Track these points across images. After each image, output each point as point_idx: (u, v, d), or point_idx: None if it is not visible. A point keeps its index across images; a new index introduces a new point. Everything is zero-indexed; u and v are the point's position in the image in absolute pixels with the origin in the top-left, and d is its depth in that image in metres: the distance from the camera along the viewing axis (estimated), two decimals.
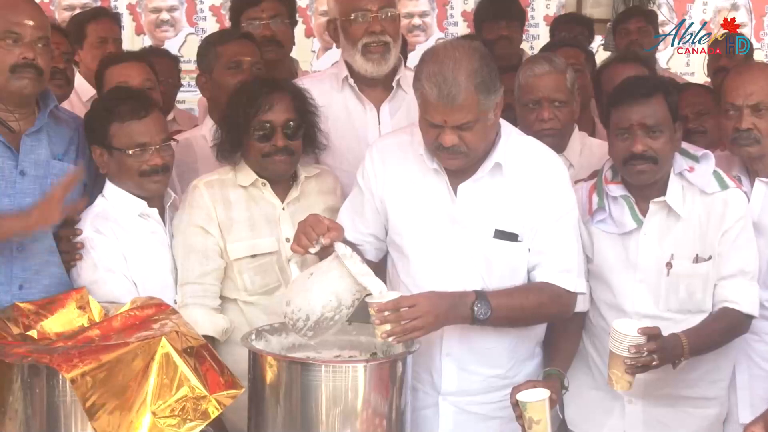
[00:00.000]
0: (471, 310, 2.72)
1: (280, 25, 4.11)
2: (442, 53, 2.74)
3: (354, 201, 3.00)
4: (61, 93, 3.75)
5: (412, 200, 2.89)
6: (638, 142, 2.98)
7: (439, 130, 2.70)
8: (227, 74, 3.57)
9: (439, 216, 2.86)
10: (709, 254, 3.05)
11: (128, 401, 2.36)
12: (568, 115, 3.48)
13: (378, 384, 2.49)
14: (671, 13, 7.31)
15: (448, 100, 2.64)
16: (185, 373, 2.40)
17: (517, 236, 2.83)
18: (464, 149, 2.72)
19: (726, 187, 3.07)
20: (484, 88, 2.68)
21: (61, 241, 3.00)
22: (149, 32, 6.49)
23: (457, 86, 2.64)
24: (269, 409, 2.49)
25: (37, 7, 3.03)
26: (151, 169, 3.00)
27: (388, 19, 3.34)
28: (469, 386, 2.91)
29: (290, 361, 2.52)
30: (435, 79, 2.65)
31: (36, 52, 2.88)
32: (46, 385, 2.39)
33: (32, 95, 2.96)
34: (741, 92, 3.18)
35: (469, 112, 2.67)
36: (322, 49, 6.56)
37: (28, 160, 2.95)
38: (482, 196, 2.84)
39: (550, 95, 3.43)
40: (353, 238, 2.90)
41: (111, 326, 2.58)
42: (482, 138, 2.76)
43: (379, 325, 2.57)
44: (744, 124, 3.16)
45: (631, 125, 3.00)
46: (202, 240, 3.03)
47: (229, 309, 3.06)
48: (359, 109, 3.45)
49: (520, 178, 2.84)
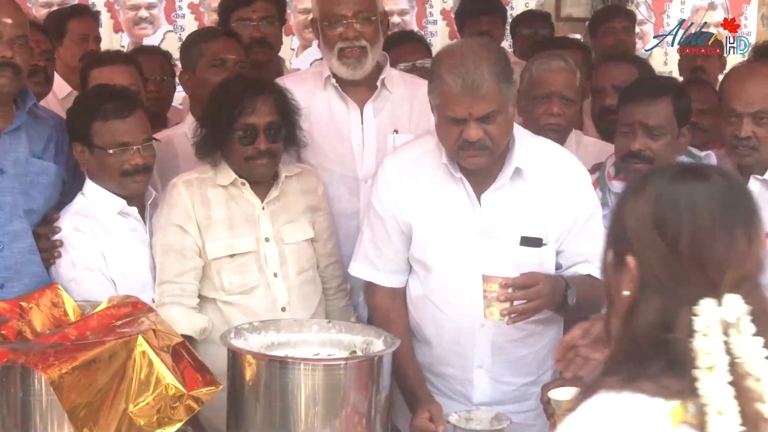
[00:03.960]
0: (563, 296, 2.71)
1: (270, 27, 4.08)
2: (458, 48, 2.77)
3: (376, 231, 2.94)
4: (40, 91, 3.71)
5: (434, 213, 2.85)
6: (637, 141, 3.01)
7: (462, 126, 2.67)
8: (211, 72, 3.54)
9: (464, 227, 2.83)
10: None
11: (106, 400, 2.34)
12: (574, 114, 3.51)
13: (357, 382, 2.47)
14: (649, 12, 7.35)
15: (472, 90, 2.62)
16: (162, 372, 2.38)
17: (541, 240, 2.81)
18: (489, 144, 2.69)
19: None
20: (504, 77, 2.69)
21: (41, 239, 2.98)
22: (127, 30, 6.46)
23: (481, 76, 2.62)
24: (248, 408, 2.47)
25: (15, 5, 2.99)
26: (132, 168, 2.97)
27: (365, 23, 3.31)
28: (502, 396, 2.89)
29: (269, 359, 2.50)
30: (457, 70, 2.64)
31: (14, 51, 2.86)
32: (21, 384, 2.37)
33: (10, 94, 2.94)
34: (743, 99, 3.12)
35: (492, 101, 2.65)
36: (301, 47, 6.58)
37: (8, 158, 2.93)
38: (506, 204, 2.81)
39: (561, 91, 3.45)
40: (387, 276, 2.93)
41: (87, 325, 2.55)
42: (505, 132, 2.74)
43: (499, 303, 2.56)
44: (743, 133, 3.10)
45: (633, 123, 3.03)
46: (180, 239, 3.00)
47: (207, 308, 3.03)
48: (342, 108, 3.42)
49: (542, 182, 2.82)
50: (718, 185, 1.54)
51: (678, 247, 1.50)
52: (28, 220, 2.97)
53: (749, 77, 3.24)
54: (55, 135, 3.08)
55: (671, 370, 1.48)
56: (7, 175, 2.92)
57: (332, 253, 3.16)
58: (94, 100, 3.04)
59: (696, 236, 1.50)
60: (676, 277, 1.50)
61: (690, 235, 1.50)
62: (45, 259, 2.97)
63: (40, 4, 6.13)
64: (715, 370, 1.45)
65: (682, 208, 1.51)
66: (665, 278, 1.51)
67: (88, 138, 2.98)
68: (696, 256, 1.50)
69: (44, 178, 3.02)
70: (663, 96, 3.05)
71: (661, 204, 1.53)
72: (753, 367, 1.45)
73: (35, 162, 3.00)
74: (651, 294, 1.52)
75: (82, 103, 3.11)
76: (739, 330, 1.46)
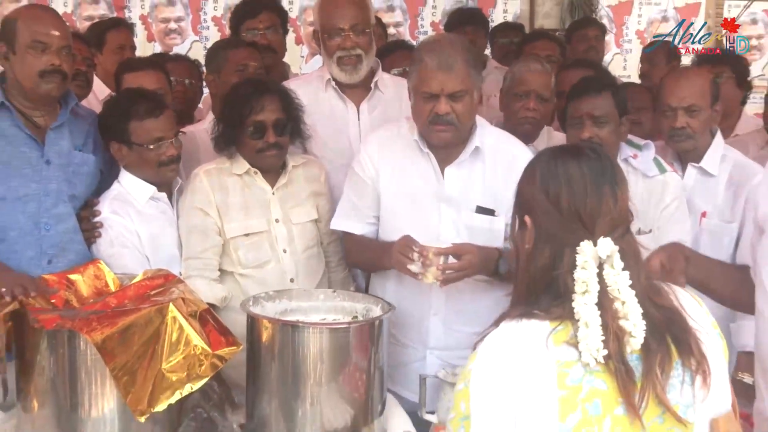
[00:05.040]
0: (496, 265, 2.75)
1: (275, 35, 4.09)
2: (437, 37, 2.91)
3: (354, 189, 2.98)
4: (81, 93, 3.72)
5: (403, 181, 2.91)
6: (586, 130, 3.04)
7: (434, 102, 2.72)
8: (235, 76, 3.54)
9: (429, 194, 2.88)
10: (649, 228, 3.10)
11: (142, 359, 2.35)
12: (547, 111, 3.53)
13: (359, 343, 2.48)
14: (611, 24, 7.34)
15: (446, 67, 2.69)
16: (190, 335, 2.38)
17: (494, 211, 2.85)
18: (455, 120, 2.74)
19: (664, 170, 3.13)
20: (474, 64, 2.76)
21: (83, 221, 2.99)
22: (159, 40, 6.48)
23: (454, 57, 2.70)
24: (265, 366, 2.48)
25: (60, 19, 3.01)
26: (168, 159, 2.99)
27: (360, 35, 3.33)
28: (453, 342, 2.90)
29: (283, 324, 2.51)
30: (435, 51, 2.72)
31: (61, 59, 2.87)
32: (68, 346, 2.38)
33: (57, 96, 2.95)
34: (677, 95, 3.20)
35: (463, 81, 2.71)
36: (310, 55, 6.55)
37: (53, 150, 2.94)
38: (466, 177, 2.87)
39: (538, 90, 3.50)
40: (363, 225, 2.96)
41: (125, 294, 2.56)
42: (469, 112, 2.79)
43: (432, 269, 2.61)
44: (678, 123, 3.19)
45: (581, 115, 3.05)
46: (202, 220, 3.01)
47: (227, 280, 3.05)
48: (341, 107, 3.44)
49: (496, 163, 2.87)
50: (589, 157, 1.76)
51: (560, 206, 1.72)
52: (72, 205, 2.97)
53: (683, 77, 3.31)
54: (93, 131, 3.08)
55: (557, 300, 1.68)
56: (53, 165, 2.93)
57: (333, 232, 3.17)
58: (125, 104, 3.04)
59: (572, 196, 1.72)
60: (560, 228, 1.72)
61: (567, 196, 1.72)
62: (87, 239, 2.98)
63: (84, 18, 6.16)
64: (587, 295, 1.65)
65: (560, 176, 1.74)
66: (552, 230, 1.73)
67: (125, 136, 2.99)
68: (573, 211, 1.71)
69: (85, 168, 3.03)
70: (605, 90, 3.09)
71: (546, 175, 1.76)
72: (619, 292, 1.65)
73: (77, 154, 3.00)
74: (543, 244, 1.74)
75: (115, 106, 3.10)
76: (611, 265, 1.66)
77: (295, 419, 2.44)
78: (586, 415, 1.63)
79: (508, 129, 3.54)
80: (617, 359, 1.63)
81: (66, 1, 6.25)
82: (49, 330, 2.37)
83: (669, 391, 1.66)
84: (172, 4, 6.49)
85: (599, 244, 1.66)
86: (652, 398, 1.64)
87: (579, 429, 1.63)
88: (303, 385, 2.43)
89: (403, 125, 2.96)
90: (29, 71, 2.84)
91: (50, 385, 2.41)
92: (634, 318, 1.64)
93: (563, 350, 1.64)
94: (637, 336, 1.64)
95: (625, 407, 1.63)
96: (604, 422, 1.63)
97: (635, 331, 1.63)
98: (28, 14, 2.94)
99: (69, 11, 6.22)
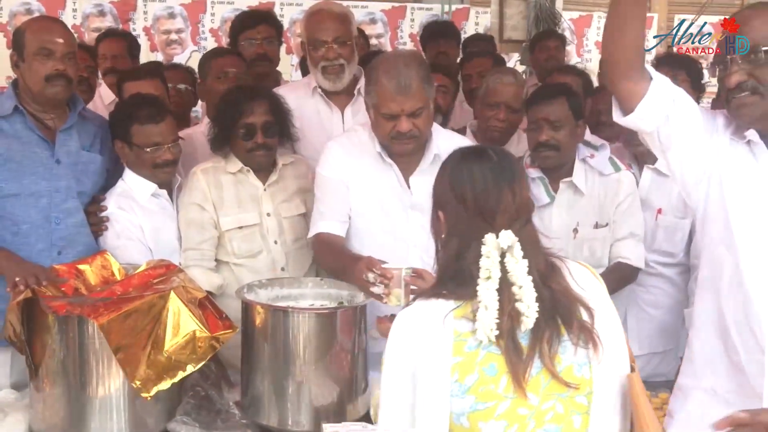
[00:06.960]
0: None
1: (270, 45, 4.06)
2: (391, 57, 2.77)
3: (323, 190, 2.88)
4: (86, 97, 3.72)
5: (370, 189, 2.85)
6: (543, 133, 3.01)
7: (395, 121, 2.67)
8: (217, 82, 3.54)
9: (396, 201, 2.83)
10: (606, 221, 3.09)
11: (146, 342, 2.34)
12: (517, 120, 3.51)
13: (344, 326, 2.48)
14: (572, 36, 7.37)
15: (404, 90, 2.63)
16: (190, 319, 2.38)
17: None
18: (417, 133, 2.70)
19: (619, 169, 3.13)
20: (427, 80, 2.70)
21: (91, 216, 2.97)
22: (161, 50, 6.46)
23: (410, 78, 2.63)
24: (258, 348, 2.47)
25: (65, 27, 2.99)
26: (162, 162, 2.98)
27: (342, 46, 3.31)
28: None
29: (274, 309, 2.50)
30: (390, 73, 2.64)
31: (66, 64, 2.84)
32: (77, 331, 2.37)
33: (64, 99, 2.93)
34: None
35: (420, 99, 2.66)
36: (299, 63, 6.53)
37: (62, 151, 2.91)
38: (429, 184, 2.74)
39: (508, 101, 3.46)
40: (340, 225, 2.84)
41: (130, 283, 2.55)
42: (429, 123, 2.75)
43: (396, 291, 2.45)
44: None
45: (539, 120, 3.02)
46: (199, 215, 3.00)
47: (222, 269, 3.04)
48: (327, 111, 3.42)
49: None
50: (491, 158, 1.81)
51: (466, 203, 1.77)
52: (80, 200, 2.94)
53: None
54: (100, 133, 3.06)
55: (462, 285, 1.74)
56: (63, 164, 2.90)
57: None
58: (132, 107, 3.03)
59: (476, 194, 1.77)
60: (466, 222, 1.77)
61: (472, 194, 1.77)
62: (94, 232, 2.96)
63: (92, 30, 6.13)
64: (490, 281, 1.71)
65: (465, 176, 1.79)
66: (460, 224, 1.78)
67: (127, 137, 2.98)
68: (477, 207, 1.76)
69: (92, 166, 3.00)
70: (559, 96, 3.05)
71: (453, 174, 1.81)
72: (517, 278, 1.71)
73: (84, 154, 2.97)
74: (452, 236, 1.80)
75: (122, 108, 3.09)
76: (512, 254, 1.72)
77: (285, 396, 2.43)
78: (483, 376, 1.70)
79: (480, 132, 3.56)
80: (507, 337, 1.70)
81: (75, 14, 6.22)
82: (59, 316, 2.36)
83: (563, 352, 1.73)
84: (173, 17, 6.47)
85: (501, 236, 1.72)
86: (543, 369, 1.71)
87: (477, 387, 1.70)
88: (293, 365, 2.42)
89: (362, 134, 2.87)
90: (36, 76, 2.82)
91: (60, 366, 2.39)
92: (528, 300, 1.70)
93: (462, 323, 1.72)
94: (530, 316, 1.70)
95: (513, 381, 1.70)
96: (501, 380, 1.70)
97: (528, 312, 1.70)
98: (35, 25, 2.93)
99: (78, 23, 6.20)
